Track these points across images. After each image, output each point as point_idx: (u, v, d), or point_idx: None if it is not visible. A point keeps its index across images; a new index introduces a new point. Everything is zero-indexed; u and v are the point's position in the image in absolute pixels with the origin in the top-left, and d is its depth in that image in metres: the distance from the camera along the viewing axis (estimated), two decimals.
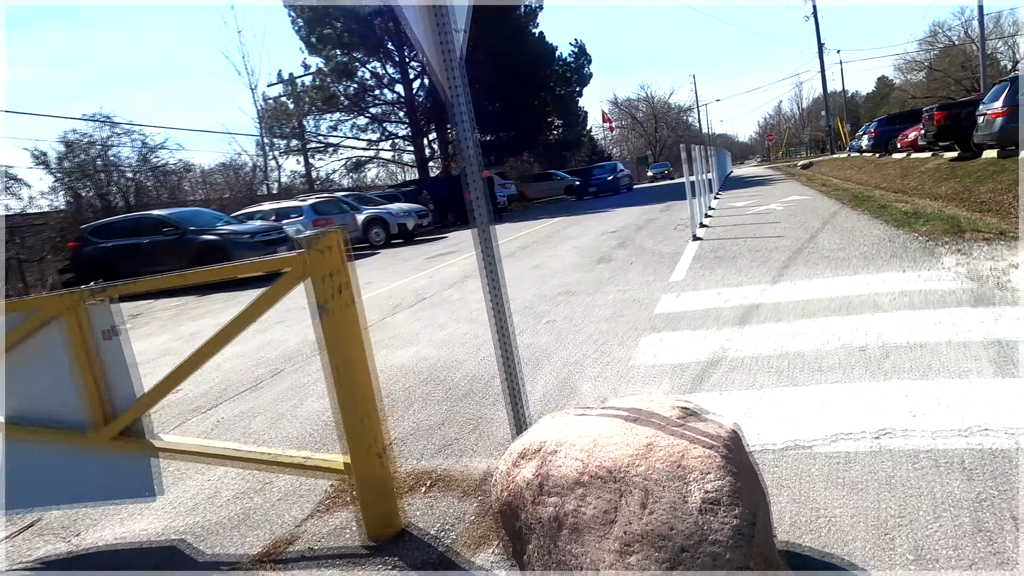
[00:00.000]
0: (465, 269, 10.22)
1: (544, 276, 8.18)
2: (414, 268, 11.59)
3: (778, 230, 8.92)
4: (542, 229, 15.80)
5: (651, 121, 75.34)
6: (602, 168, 32.93)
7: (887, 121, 28.70)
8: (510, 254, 11.33)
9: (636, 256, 8.65)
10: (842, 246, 6.88)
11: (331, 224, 16.11)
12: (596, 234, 12.43)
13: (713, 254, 7.72)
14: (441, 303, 7.43)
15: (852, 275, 5.46)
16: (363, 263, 14.04)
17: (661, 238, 10.22)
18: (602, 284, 6.96)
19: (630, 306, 5.68)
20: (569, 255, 9.87)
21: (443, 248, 14.80)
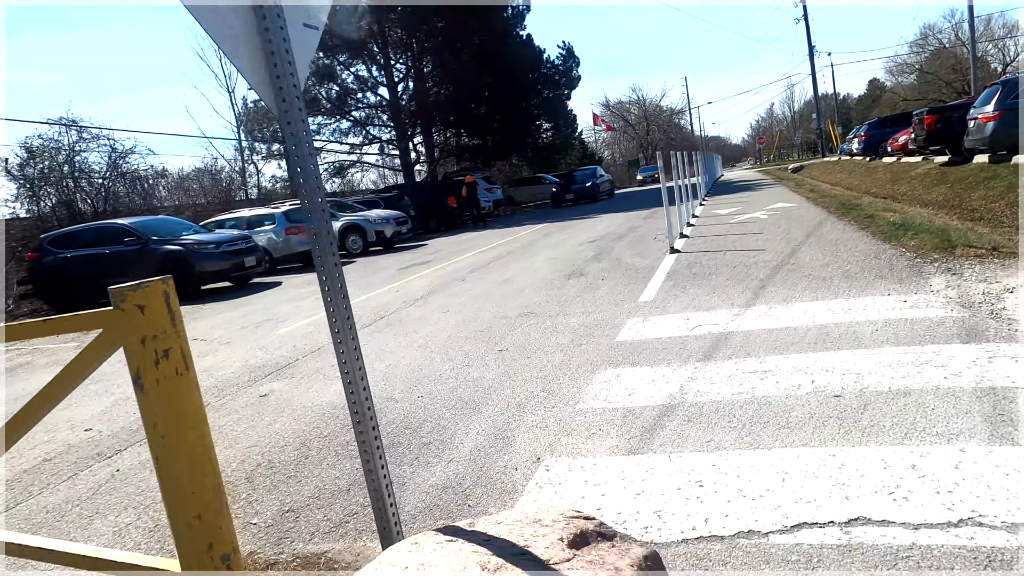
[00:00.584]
0: (434, 281, 9.73)
1: (510, 293, 7.69)
2: (384, 280, 11.09)
3: (760, 242, 8.45)
4: (523, 237, 15.32)
5: (643, 124, 75.04)
6: (581, 173, 30.28)
7: (877, 124, 28.35)
8: (483, 265, 10.84)
9: (610, 270, 8.17)
10: (824, 263, 6.41)
11: (305, 232, 15.58)
12: (575, 243, 11.96)
13: (689, 269, 7.24)
14: (398, 323, 6.93)
15: (832, 298, 4.99)
16: (311, 276, 13.49)
17: (639, 249, 9.75)
18: (568, 304, 6.47)
19: (592, 332, 5.19)
20: (542, 268, 9.38)
21: (419, 257, 14.29)
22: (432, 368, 4.90)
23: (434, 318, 6.88)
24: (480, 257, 12.36)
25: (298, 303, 9.84)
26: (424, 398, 4.18)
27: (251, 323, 8.64)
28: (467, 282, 9.27)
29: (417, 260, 13.68)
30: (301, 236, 15.51)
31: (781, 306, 5.01)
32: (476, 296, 7.89)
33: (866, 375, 3.35)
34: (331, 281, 2.06)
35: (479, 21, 31.09)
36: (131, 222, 13.16)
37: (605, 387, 3.85)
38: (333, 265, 2.09)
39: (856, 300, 4.82)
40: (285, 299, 10.66)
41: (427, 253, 15.06)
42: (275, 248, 15.43)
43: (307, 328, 7.50)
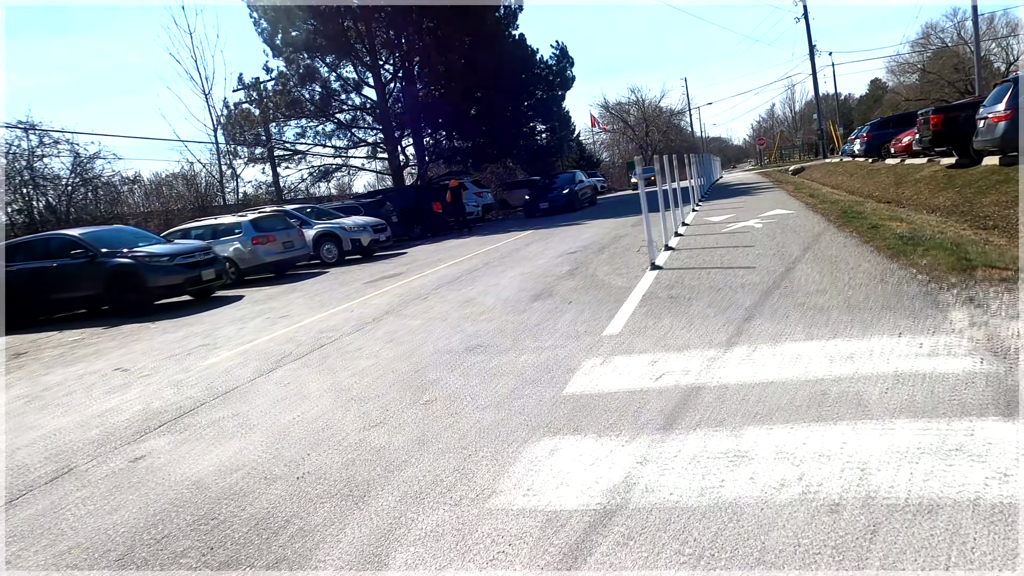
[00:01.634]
0: (395, 299, 8.84)
1: (468, 316, 6.80)
2: (344, 296, 10.20)
3: (751, 257, 7.54)
4: (503, 246, 14.42)
5: (642, 125, 74.10)
6: (560, 179, 26.84)
7: (880, 125, 27.46)
8: (453, 279, 9.95)
9: (581, 290, 7.26)
10: (822, 287, 5.50)
11: (273, 241, 14.73)
12: (554, 255, 11.06)
13: (668, 292, 6.34)
14: (334, 354, 6.05)
15: (830, 338, 4.08)
16: (297, 287, 12.63)
17: (619, 264, 8.84)
18: (525, 335, 5.57)
19: (540, 377, 4.29)
20: (511, 285, 8.48)
21: (392, 268, 13.40)
22: (339, 426, 4.00)
23: (374, 349, 5.99)
24: (453, 269, 11.47)
25: (245, 324, 8.95)
26: (307, 478, 3.27)
27: (185, 349, 7.75)
28: (429, 300, 8.39)
29: (389, 272, 12.79)
30: (269, 246, 14.62)
31: (768, 347, 4.10)
32: (431, 320, 7.00)
33: (874, 470, 2.44)
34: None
35: (469, 21, 30.24)
36: (80, 233, 12.28)
37: (532, 470, 2.95)
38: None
39: (860, 342, 3.91)
40: (235, 318, 9.77)
41: (402, 264, 14.17)
42: (242, 259, 14.54)
43: (235, 359, 6.61)
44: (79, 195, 18.03)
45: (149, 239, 13.19)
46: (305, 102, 27.07)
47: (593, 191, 28.73)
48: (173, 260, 11.88)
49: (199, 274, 12.20)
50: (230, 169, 24.46)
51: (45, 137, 16.93)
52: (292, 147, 28.76)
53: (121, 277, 11.63)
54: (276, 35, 27.08)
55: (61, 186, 17.44)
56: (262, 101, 26.11)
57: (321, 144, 28.78)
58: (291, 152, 28.95)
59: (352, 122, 29.71)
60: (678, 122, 78.55)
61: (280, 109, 26.55)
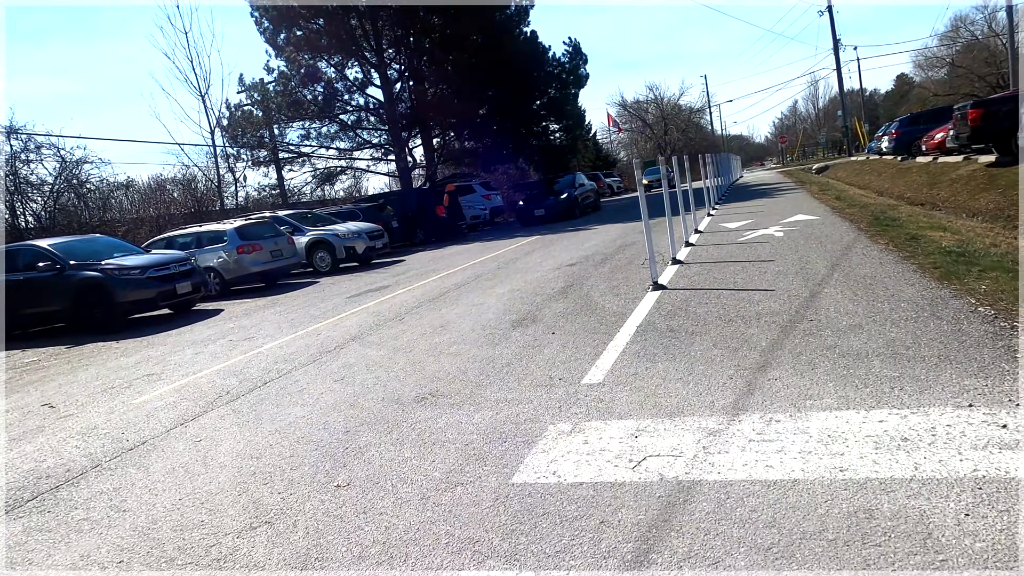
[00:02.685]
0: (369, 319, 7.91)
1: (434, 349, 5.83)
2: (320, 314, 9.30)
3: (769, 276, 6.48)
4: (502, 254, 13.45)
5: (660, 124, 72.59)
6: (559, 182, 23.22)
7: (910, 121, 25.99)
8: (437, 296, 9.00)
9: (570, 315, 6.26)
10: (857, 322, 4.44)
11: (260, 250, 13.90)
12: (552, 266, 10.06)
13: (668, 322, 5.31)
14: (272, 396, 5.13)
15: (874, 406, 3.04)
16: (279, 300, 11.76)
17: (618, 280, 7.82)
18: (490, 379, 4.59)
19: (488, 452, 3.31)
20: (496, 306, 7.50)
21: (382, 280, 12.49)
22: (217, 522, 3.05)
23: (317, 391, 5.05)
24: (443, 282, 10.52)
25: (204, 348, 8.09)
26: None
27: (127, 380, 6.90)
28: (404, 322, 7.44)
29: (377, 284, 11.88)
30: (256, 255, 13.80)
31: (788, 417, 3.08)
32: (395, 351, 6.05)
33: None
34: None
35: (478, 18, 29.32)
36: (49, 244, 11.54)
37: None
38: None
39: (915, 416, 2.87)
40: (201, 338, 8.92)
41: (394, 274, 13.26)
42: (227, 269, 13.73)
43: (169, 397, 5.73)
44: (64, 201, 17.38)
45: (127, 250, 12.42)
46: (308, 103, 26.31)
47: (596, 195, 25.67)
48: (144, 273, 11.08)
49: (173, 287, 11.40)
50: (230, 172, 23.73)
51: (30, 142, 16.32)
52: (296, 149, 28.03)
53: (88, 291, 10.87)
54: (279, 34, 26.37)
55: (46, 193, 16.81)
56: (265, 102, 25.39)
57: (325, 146, 28.02)
58: (295, 154, 28.22)
59: (357, 123, 28.91)
60: (698, 120, 76.90)
61: (283, 110, 25.82)
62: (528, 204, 21.92)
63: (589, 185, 24.49)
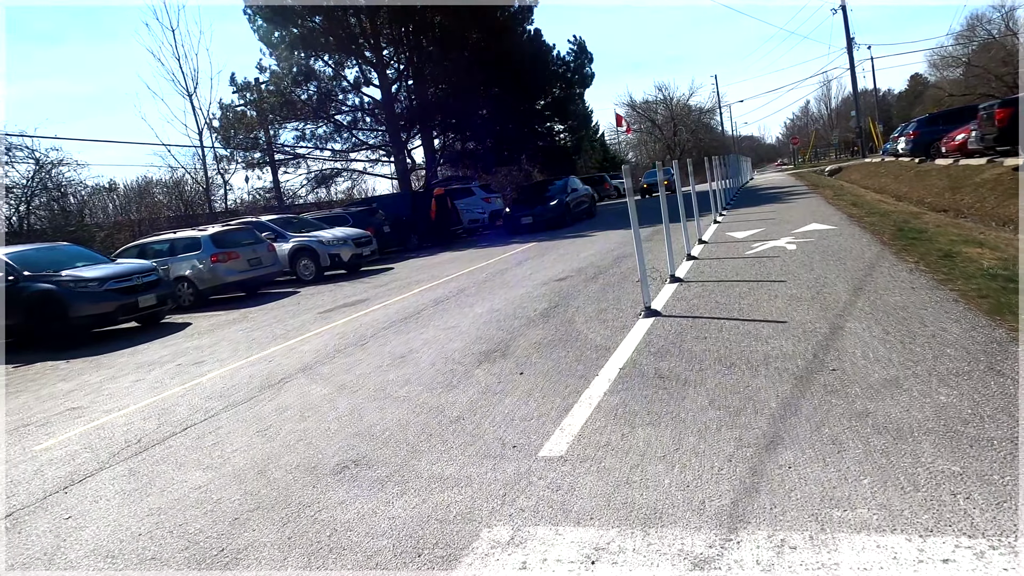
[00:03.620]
0: (329, 343, 7.05)
1: (382, 390, 4.96)
2: (283, 333, 8.46)
3: (780, 303, 5.55)
4: (492, 264, 12.56)
5: (670, 124, 71.46)
6: (552, 187, 21.10)
7: (929, 121, 24.87)
8: (410, 316, 8.12)
9: (546, 348, 5.36)
10: (893, 375, 3.51)
11: (236, 259, 13.08)
12: (539, 282, 9.15)
13: (657, 364, 4.39)
14: (179, 452, 4.27)
15: (931, 530, 2.12)
16: (250, 314, 10.92)
17: (609, 302, 6.90)
18: (430, 441, 3.71)
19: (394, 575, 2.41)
20: (468, 331, 6.62)
21: (362, 292, 11.64)
22: None
23: (230, 448, 4.19)
24: (422, 297, 9.65)
25: (148, 374, 7.26)
26: None
27: (48, 414, 6.08)
28: (365, 349, 6.58)
29: (355, 297, 11.02)
30: (231, 263, 12.97)
31: (807, 542, 2.16)
32: (339, 389, 5.18)
33: None
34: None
35: (480, 16, 28.45)
36: (5, 252, 10.75)
37: None
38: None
39: (999, 555, 1.94)
40: (149, 361, 8.09)
41: (377, 285, 12.40)
42: (200, 278, 12.92)
43: (74, 444, 4.90)
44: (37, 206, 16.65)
45: (91, 259, 11.62)
46: (303, 103, 25.51)
47: (591, 199, 23.55)
48: (103, 285, 10.29)
49: (135, 300, 10.59)
50: (219, 175, 22.97)
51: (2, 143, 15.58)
52: (292, 151, 27.24)
53: (42, 304, 10.09)
54: (273, 32, 25.60)
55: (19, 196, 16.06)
56: (259, 102, 24.62)
57: (320, 147, 27.21)
58: (291, 156, 27.44)
59: (354, 123, 28.09)
60: (708, 121, 75.71)
61: (277, 110, 25.03)
62: (515, 211, 19.91)
63: (583, 190, 22.59)
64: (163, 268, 13.08)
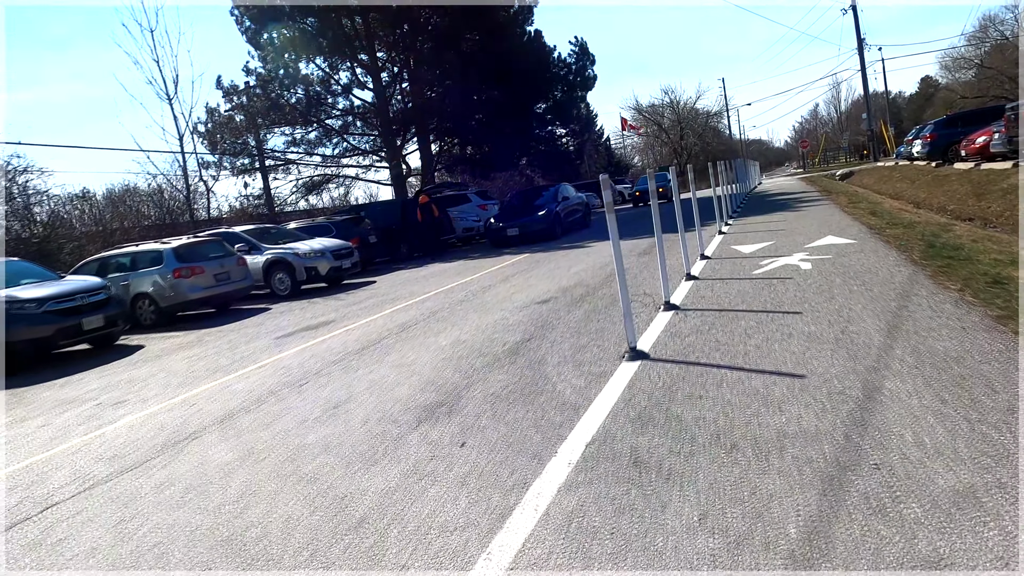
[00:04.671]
0: (264, 384, 6.03)
1: (289, 463, 3.93)
2: (228, 364, 7.46)
3: (795, 346, 4.47)
4: (476, 280, 11.53)
5: (676, 128, 70.28)
6: (542, 196, 19.36)
7: (946, 123, 23.68)
8: (368, 345, 7.10)
9: (503, 404, 4.31)
10: (965, 483, 2.44)
11: (201, 274, 12.10)
12: (519, 304, 8.12)
13: (634, 441, 3.34)
14: (6, 558, 3.25)
15: None
16: (207, 336, 9.92)
17: (591, 336, 5.85)
18: (313, 560, 2.66)
19: None
20: (421, 372, 5.59)
21: (331, 311, 10.63)
22: None
23: (70, 554, 3.16)
24: (390, 320, 8.64)
25: (60, 416, 6.28)
26: None
27: None
28: (301, 393, 5.57)
29: (320, 318, 10.02)
30: (196, 279, 12.00)
31: None
32: (242, 458, 4.16)
33: None
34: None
35: (478, 17, 27.52)
36: None
37: None
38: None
39: None
40: (73, 397, 7.11)
41: (351, 303, 11.40)
42: (162, 295, 11.95)
43: None
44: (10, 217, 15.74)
45: (38, 277, 10.67)
46: (293, 107, 24.58)
47: (585, 208, 21.52)
48: (42, 306, 9.33)
49: (79, 322, 9.63)
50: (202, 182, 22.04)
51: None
52: (282, 156, 26.31)
53: None
54: (262, 34, 24.72)
55: None
56: (247, 106, 23.70)
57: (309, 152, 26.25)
58: (282, 161, 26.51)
59: (346, 128, 27.14)
60: (715, 124, 74.50)
61: (266, 114, 24.11)
62: (501, 221, 18.19)
63: (576, 198, 20.80)
64: (123, 284, 12.17)
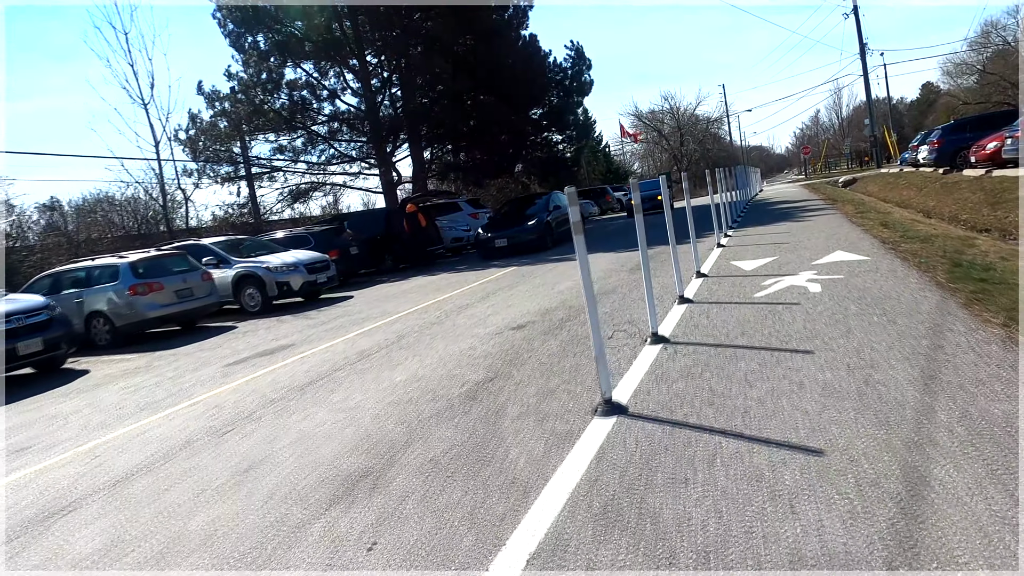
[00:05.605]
0: (185, 429, 5.15)
1: (163, 557, 3.05)
2: (158, 400, 6.57)
3: (809, 407, 3.58)
4: (453, 298, 10.66)
5: (676, 135, 69.52)
6: (533, 205, 18.41)
7: (954, 128, 22.83)
8: (315, 380, 6.22)
9: (440, 478, 3.43)
10: None
11: (159, 290, 11.23)
12: (491, 331, 7.24)
13: (591, 557, 2.44)
14: None
15: None
16: (158, 361, 9.04)
17: (564, 374, 4.97)
18: None
19: None
20: (362, 418, 4.70)
21: (293, 333, 9.76)
22: None
23: None
24: (351, 347, 7.77)
25: None
26: None
27: None
28: (221, 444, 4.69)
29: (279, 342, 9.14)
30: (154, 296, 11.13)
31: None
32: (108, 546, 3.28)
33: None
34: None
35: (471, 21, 26.71)
36: None
37: None
38: None
39: None
40: None
41: (318, 323, 10.54)
42: (117, 313, 11.08)
43: None
44: None
45: None
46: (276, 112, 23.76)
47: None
48: None
49: (14, 347, 8.76)
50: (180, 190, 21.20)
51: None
52: (268, 163, 25.48)
53: None
54: (246, 37, 23.92)
55: None
56: (231, 112, 22.89)
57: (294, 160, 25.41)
58: (268, 169, 25.68)
59: (333, 134, 26.32)
60: (716, 131, 73.80)
61: (250, 121, 23.29)
62: (489, 232, 17.29)
63: (567, 208, 19.92)
64: (77, 301, 11.32)
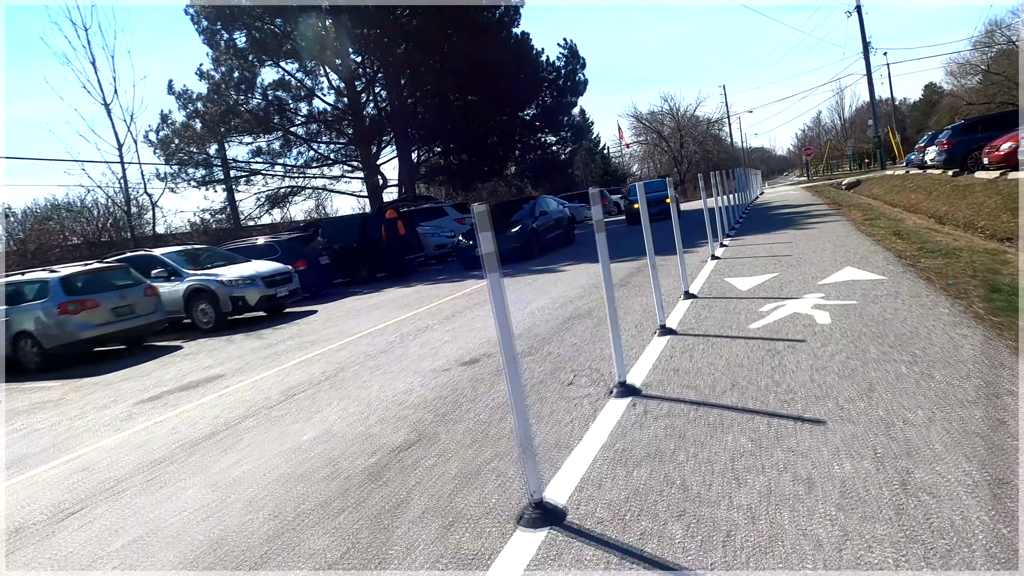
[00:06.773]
0: (31, 502, 4.03)
1: None
2: (32, 453, 5.48)
3: (821, 526, 2.47)
4: (414, 318, 9.55)
5: (676, 136, 68.40)
6: (520, 211, 17.22)
7: (965, 129, 21.70)
8: (215, 433, 5.12)
9: None
10: None
11: (95, 308, 10.12)
12: (437, 367, 6.14)
13: None
14: None
15: None
16: (75, 392, 7.95)
17: (503, 442, 3.86)
18: None
19: None
20: (232, 507, 3.61)
21: (233, 358, 8.66)
22: None
23: None
24: (281, 381, 6.67)
25: None
26: None
27: None
28: (51, 537, 3.58)
29: (211, 371, 8.04)
30: (87, 314, 10.03)
31: None
32: None
33: None
34: None
35: (459, 19, 25.63)
36: None
37: None
38: None
39: None
40: None
41: (264, 345, 9.44)
42: (46, 334, 9.98)
43: None
44: None
45: None
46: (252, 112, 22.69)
47: (569, 222, 19.54)
48: None
49: None
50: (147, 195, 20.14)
51: None
52: (246, 166, 24.41)
53: None
54: (221, 35, 22.87)
55: None
56: (205, 112, 21.83)
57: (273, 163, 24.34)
58: (247, 172, 24.61)
59: (312, 136, 25.24)
60: (716, 132, 72.67)
61: (226, 121, 22.23)
62: (471, 239, 15.87)
63: (556, 212, 18.63)
64: (5, 319, 10.21)
